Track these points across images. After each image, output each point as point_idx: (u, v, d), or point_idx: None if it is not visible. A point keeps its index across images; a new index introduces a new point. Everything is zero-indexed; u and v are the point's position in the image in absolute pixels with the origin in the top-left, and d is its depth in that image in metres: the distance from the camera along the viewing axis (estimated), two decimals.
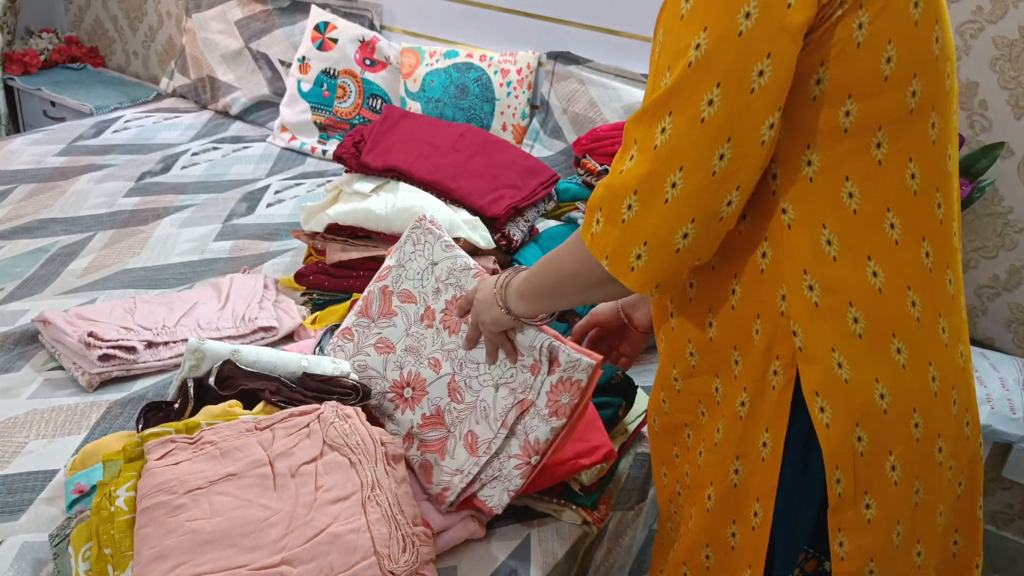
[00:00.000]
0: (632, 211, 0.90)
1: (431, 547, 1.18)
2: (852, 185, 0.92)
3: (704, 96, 0.86)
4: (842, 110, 0.89)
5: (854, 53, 0.87)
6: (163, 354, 1.64)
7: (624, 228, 0.92)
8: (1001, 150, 1.95)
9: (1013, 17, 1.93)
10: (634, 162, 0.91)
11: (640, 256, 0.92)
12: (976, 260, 2.12)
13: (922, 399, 0.95)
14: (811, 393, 0.95)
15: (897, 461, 0.95)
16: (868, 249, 0.93)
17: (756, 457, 1.01)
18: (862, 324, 0.93)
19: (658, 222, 0.90)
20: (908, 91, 0.90)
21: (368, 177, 2.01)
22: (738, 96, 0.85)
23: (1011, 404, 1.75)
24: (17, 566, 1.18)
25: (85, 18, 3.86)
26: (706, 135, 0.86)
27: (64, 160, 2.61)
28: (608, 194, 0.93)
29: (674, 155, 0.88)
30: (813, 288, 0.94)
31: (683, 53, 0.87)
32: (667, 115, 0.87)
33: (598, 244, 0.96)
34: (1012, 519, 2.29)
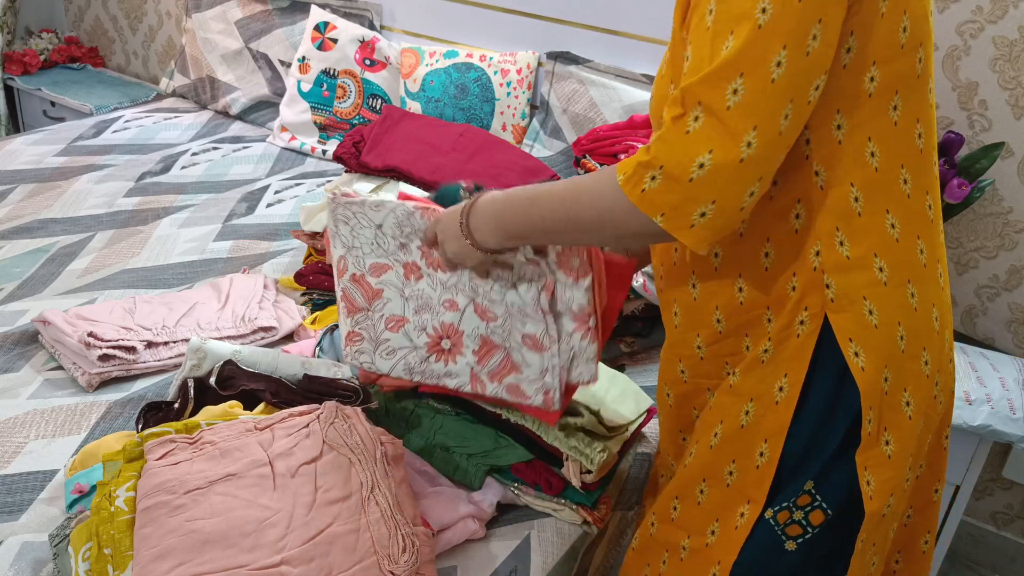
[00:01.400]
0: (704, 169, 0.91)
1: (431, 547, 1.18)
2: (874, 145, 0.99)
3: (773, 58, 0.89)
4: (867, 76, 0.96)
5: (878, 23, 0.94)
6: (163, 354, 1.64)
7: (692, 186, 0.92)
8: (1001, 150, 1.95)
9: (1013, 17, 1.93)
10: (703, 123, 0.91)
11: (704, 214, 0.93)
12: (976, 260, 2.12)
13: (929, 337, 1.04)
14: (845, 339, 1.02)
15: (911, 396, 1.03)
16: (886, 202, 1.00)
17: (770, 400, 1.07)
18: (886, 272, 1.01)
19: (733, 180, 0.92)
20: (916, 57, 0.97)
21: (368, 177, 2.01)
22: (799, 59, 0.89)
23: (1011, 404, 1.75)
24: (17, 566, 1.18)
25: (85, 18, 3.86)
26: (776, 95, 0.90)
27: (64, 160, 2.61)
28: (674, 152, 0.93)
29: (749, 114, 0.90)
30: (844, 243, 1.01)
31: (748, 16, 0.89)
32: (738, 76, 0.89)
33: (651, 201, 0.95)
34: (1012, 519, 2.29)
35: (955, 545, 2.34)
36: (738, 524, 1.10)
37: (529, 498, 1.39)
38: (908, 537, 1.18)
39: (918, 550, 1.19)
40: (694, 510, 1.16)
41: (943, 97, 2.05)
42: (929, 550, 1.20)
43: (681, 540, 1.18)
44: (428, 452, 1.41)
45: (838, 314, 1.02)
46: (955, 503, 1.88)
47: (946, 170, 1.91)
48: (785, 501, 1.07)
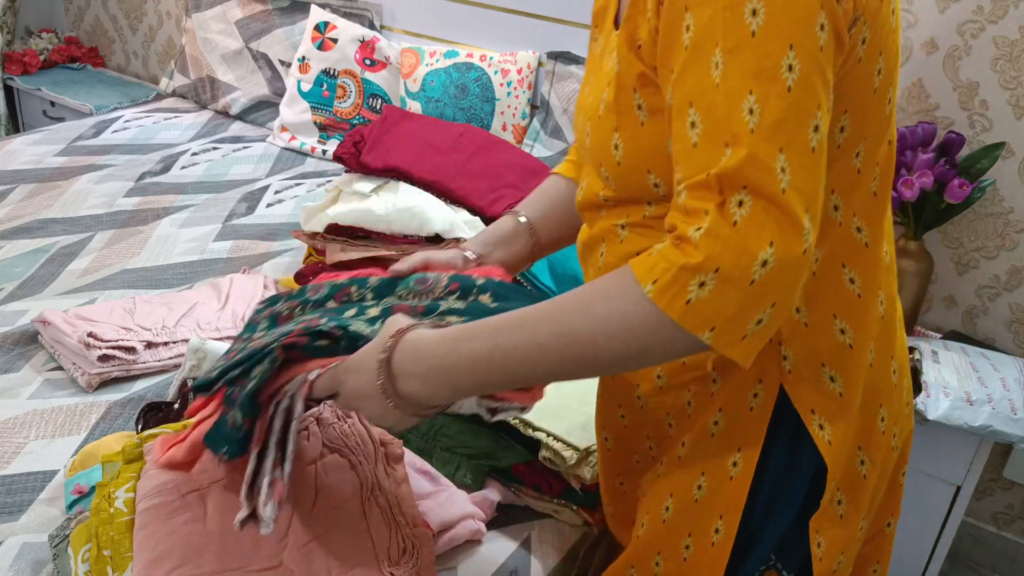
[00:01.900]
0: (767, 267, 0.75)
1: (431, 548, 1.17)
2: (836, 197, 0.88)
3: (811, 122, 0.76)
4: (838, 126, 0.85)
5: (855, 68, 0.83)
6: (163, 354, 1.64)
7: (752, 290, 0.75)
8: (1002, 150, 1.95)
9: (1013, 17, 1.92)
10: (751, 210, 0.75)
11: (761, 320, 0.77)
12: (976, 260, 2.12)
13: (888, 392, 0.97)
14: (807, 411, 0.92)
15: (866, 455, 0.97)
16: (843, 256, 0.90)
17: (723, 475, 0.97)
18: (849, 334, 0.91)
19: (795, 275, 0.77)
20: (886, 99, 0.88)
21: (368, 177, 2.00)
22: (827, 114, 0.78)
23: (1011, 404, 1.75)
24: (17, 567, 1.18)
25: (85, 18, 3.85)
26: (818, 165, 0.77)
27: (64, 160, 2.61)
28: (730, 250, 0.75)
29: (801, 196, 0.76)
30: (800, 309, 0.90)
31: (773, 76, 0.75)
32: (779, 152, 0.75)
33: (700, 313, 0.77)
34: (1012, 519, 2.29)
35: (956, 545, 2.34)
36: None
37: (530, 499, 1.39)
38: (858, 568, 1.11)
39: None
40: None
41: (944, 97, 2.05)
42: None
43: None
44: (428, 453, 1.41)
45: (796, 385, 0.92)
46: (956, 503, 1.88)
47: (947, 170, 1.91)
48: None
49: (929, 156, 1.91)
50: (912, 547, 1.94)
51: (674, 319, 0.77)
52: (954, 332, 2.17)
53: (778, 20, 0.75)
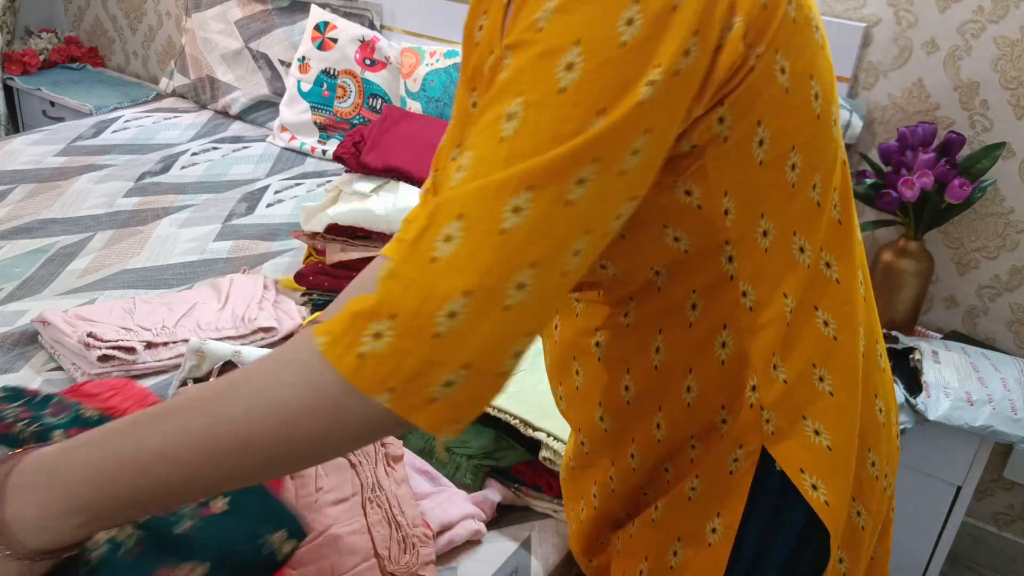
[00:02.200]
0: (456, 320, 0.61)
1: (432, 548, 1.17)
2: (800, 239, 0.80)
3: (577, 173, 0.63)
4: (788, 164, 0.77)
5: (786, 100, 0.74)
6: (162, 355, 1.64)
7: (435, 345, 0.61)
8: (1002, 150, 1.95)
9: (1014, 17, 1.92)
10: (458, 247, 0.62)
11: (451, 383, 0.63)
12: (977, 260, 2.12)
13: (875, 433, 0.89)
14: (796, 471, 0.83)
15: (862, 506, 0.90)
16: (814, 299, 0.82)
17: (701, 541, 0.89)
18: (828, 381, 0.83)
19: (492, 337, 0.63)
20: (831, 119, 0.79)
21: (368, 177, 2.00)
22: (609, 181, 0.65)
23: (1012, 405, 1.75)
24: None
25: (85, 18, 3.85)
26: (569, 222, 0.64)
27: (64, 160, 2.61)
28: (411, 294, 0.62)
29: (528, 245, 0.63)
30: (777, 367, 0.82)
31: (559, 136, 0.64)
32: (524, 189, 0.62)
33: (374, 371, 0.62)
34: (1013, 520, 2.29)
35: (956, 546, 2.34)
36: None
37: (530, 499, 1.39)
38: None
39: None
40: None
41: (945, 97, 2.05)
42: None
43: None
44: (428, 453, 1.41)
45: (779, 444, 0.84)
46: (956, 504, 1.88)
47: (947, 170, 1.91)
48: None
49: (930, 156, 1.90)
50: (912, 547, 1.94)
51: (345, 376, 0.62)
52: (955, 332, 2.17)
53: (590, 79, 0.64)
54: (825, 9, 2.14)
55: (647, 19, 0.64)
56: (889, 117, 2.14)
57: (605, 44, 0.64)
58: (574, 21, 0.64)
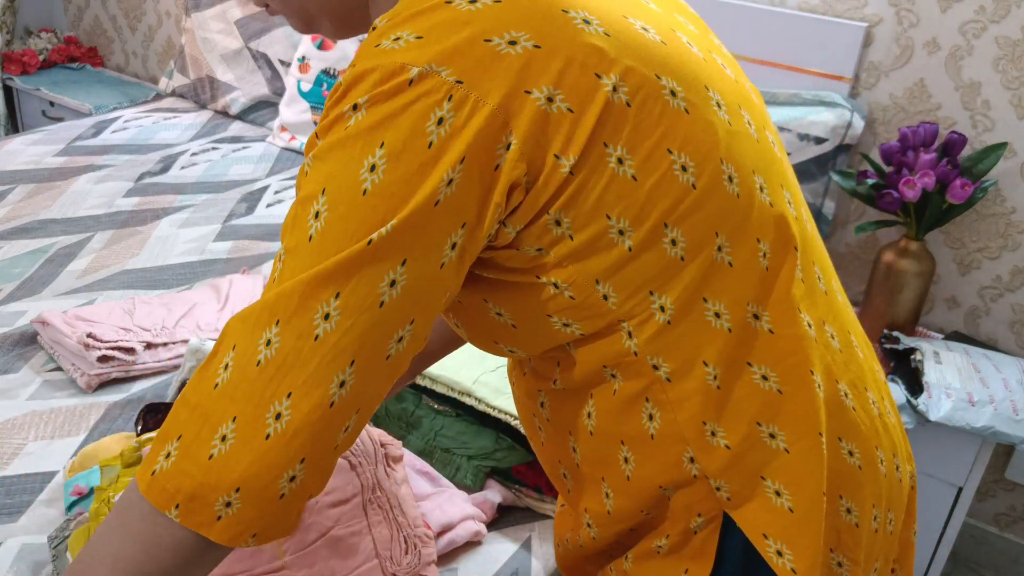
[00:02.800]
0: (226, 444, 0.67)
1: (433, 548, 1.17)
2: (713, 304, 0.78)
3: (320, 310, 0.67)
4: (664, 242, 0.75)
5: (634, 186, 0.72)
6: (162, 355, 1.63)
7: (209, 468, 0.67)
8: (1004, 150, 1.95)
9: (1016, 17, 1.92)
10: (230, 377, 0.68)
11: (230, 504, 0.68)
12: (979, 261, 2.12)
13: (848, 481, 0.84)
14: (759, 537, 0.81)
15: (842, 555, 0.86)
16: (746, 356, 0.79)
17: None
18: (780, 438, 0.80)
19: (257, 464, 0.67)
20: (724, 179, 0.76)
21: None
22: (364, 311, 0.68)
23: (1014, 405, 1.75)
24: (16, 568, 1.18)
25: (84, 18, 3.85)
26: (323, 355, 0.68)
27: (63, 160, 2.60)
28: (195, 421, 0.69)
29: (280, 376, 0.67)
30: (716, 433, 0.80)
31: (300, 229, 0.69)
32: (274, 323, 0.68)
33: (163, 487, 0.69)
34: (1015, 520, 2.28)
35: (957, 547, 2.34)
36: None
37: (530, 500, 1.39)
38: None
39: None
40: None
41: (946, 97, 2.05)
42: None
43: None
44: (429, 453, 1.41)
45: (740, 510, 0.82)
46: (958, 505, 1.88)
47: (949, 170, 1.91)
48: None
49: (931, 156, 1.90)
50: None
51: (143, 494, 0.70)
52: (956, 333, 2.17)
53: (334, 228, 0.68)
54: (826, 9, 2.14)
55: (391, 163, 0.67)
56: (890, 117, 2.13)
57: (348, 192, 0.68)
58: (324, 169, 0.69)
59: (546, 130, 0.69)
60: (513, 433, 1.41)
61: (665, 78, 0.74)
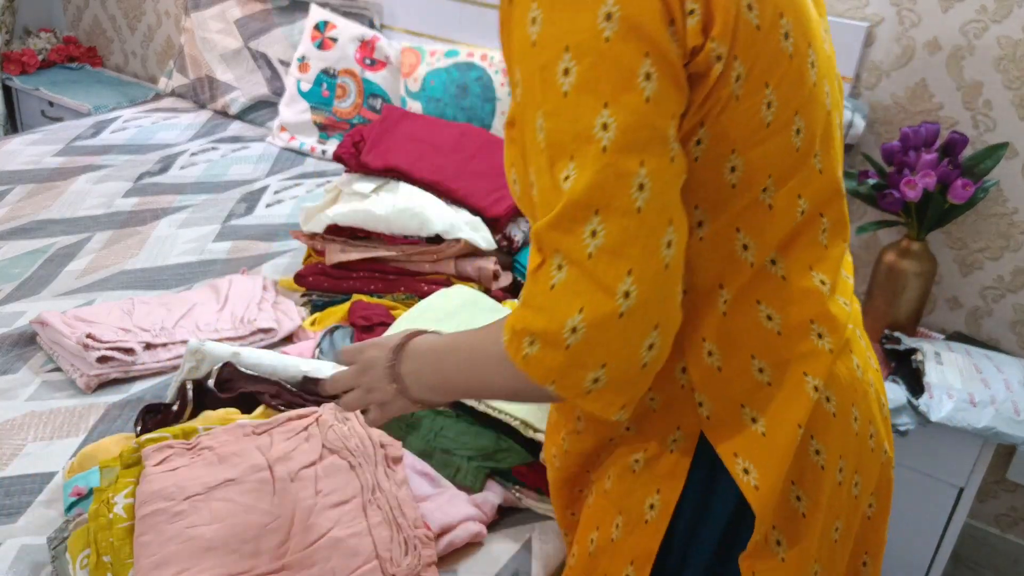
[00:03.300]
0: (578, 334, 0.74)
1: (433, 549, 1.17)
2: (744, 237, 0.84)
3: (633, 181, 0.73)
4: (727, 167, 0.82)
5: (734, 107, 0.79)
6: (161, 356, 1.63)
7: (572, 353, 0.75)
8: (1005, 150, 1.94)
9: (1018, 17, 1.92)
10: (567, 274, 0.75)
11: (598, 379, 0.76)
12: (980, 261, 2.11)
13: (821, 425, 0.90)
14: (729, 455, 0.88)
15: (802, 491, 0.90)
16: (756, 294, 0.86)
17: (639, 517, 0.94)
18: (768, 372, 0.87)
19: (618, 340, 0.75)
20: (792, 130, 0.83)
21: (368, 177, 2.00)
22: (664, 170, 0.74)
23: (1015, 406, 1.74)
24: (15, 569, 1.17)
25: (83, 18, 3.85)
26: (647, 224, 0.73)
27: (62, 160, 2.60)
28: (540, 317, 0.76)
29: (616, 259, 0.73)
30: (712, 353, 0.87)
31: (587, 137, 0.73)
32: (593, 215, 0.73)
33: (536, 367, 0.78)
34: (1016, 521, 2.28)
35: (958, 547, 2.34)
36: None
37: (530, 501, 1.39)
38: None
39: None
40: None
41: (947, 97, 2.05)
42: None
43: None
44: (428, 454, 1.41)
45: (716, 429, 0.88)
46: (959, 505, 1.87)
47: (950, 170, 1.90)
48: None
49: (932, 156, 1.90)
50: (915, 549, 1.93)
51: (520, 368, 0.79)
52: (958, 333, 2.17)
53: (592, 77, 0.73)
54: (827, 8, 2.13)
55: (624, 10, 0.72)
56: (892, 117, 2.13)
57: (593, 42, 0.72)
58: (555, 31, 0.73)
59: (718, 17, 0.76)
60: (513, 434, 1.41)
61: (785, 19, 0.80)
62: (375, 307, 1.72)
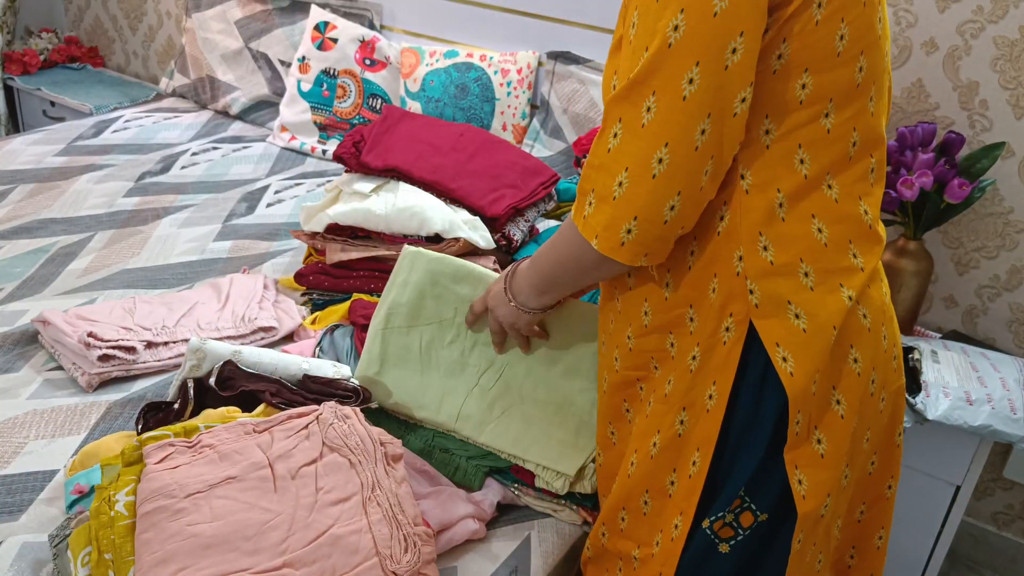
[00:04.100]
0: (623, 188, 0.96)
1: (432, 547, 1.17)
2: (803, 152, 0.99)
3: (684, 75, 0.91)
4: (798, 83, 0.96)
5: (813, 31, 0.94)
6: (163, 354, 1.64)
7: (616, 205, 0.97)
8: (1002, 150, 1.95)
9: (1014, 17, 1.92)
10: (620, 140, 0.96)
11: (631, 231, 0.98)
12: (977, 260, 2.12)
13: (858, 335, 1.04)
14: (772, 344, 1.02)
15: (841, 395, 1.03)
16: (811, 208, 1.00)
17: (701, 408, 1.08)
18: (812, 277, 1.01)
19: (648, 196, 0.96)
20: (856, 67, 0.97)
21: (368, 177, 2.00)
22: (715, 74, 0.91)
23: (1011, 404, 1.75)
24: (17, 566, 1.18)
25: (85, 18, 3.85)
26: (688, 112, 0.92)
27: (64, 160, 2.61)
28: (600, 173, 0.99)
29: (660, 132, 0.93)
30: (767, 248, 1.01)
31: (660, 33, 0.91)
32: (651, 94, 0.93)
33: (590, 225, 1.01)
34: (1013, 519, 2.29)
35: (955, 545, 2.34)
36: (673, 536, 1.11)
37: (529, 498, 1.39)
38: (861, 533, 1.18)
39: (872, 545, 1.19)
40: (640, 521, 1.16)
41: (944, 97, 2.05)
42: (883, 545, 1.20)
43: (631, 550, 1.18)
44: (428, 453, 1.41)
45: (763, 320, 1.02)
46: (955, 503, 1.88)
47: (947, 170, 1.91)
48: (721, 510, 1.07)
49: (929, 156, 1.90)
50: (911, 547, 1.94)
51: (579, 229, 1.03)
52: (954, 332, 2.17)
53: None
54: None
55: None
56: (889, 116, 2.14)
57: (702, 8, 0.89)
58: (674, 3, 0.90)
59: None
60: None
61: None
62: (375, 306, 1.73)
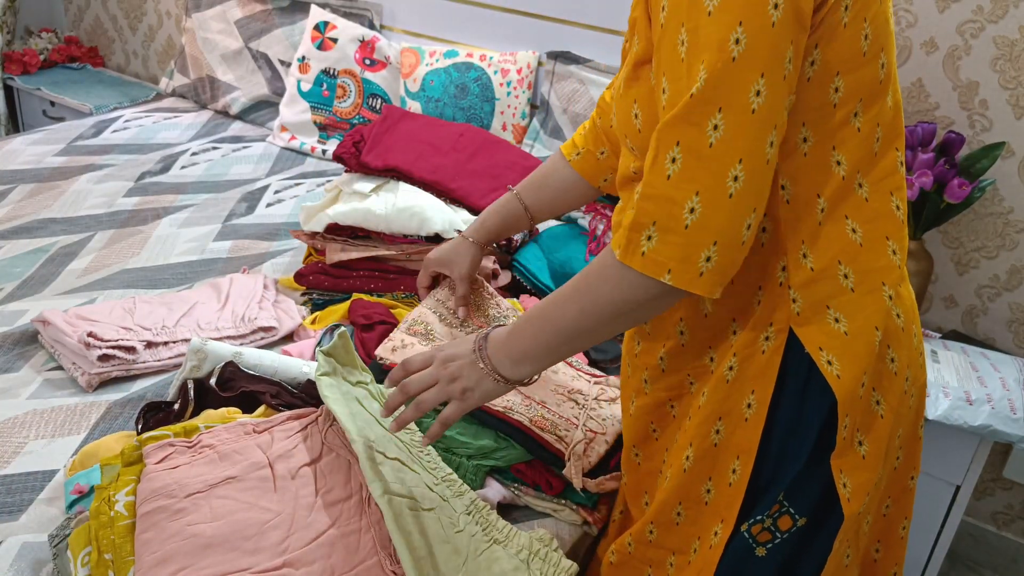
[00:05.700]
0: (695, 214, 0.90)
1: None
2: (838, 154, 0.98)
3: (751, 88, 0.88)
4: (832, 87, 0.96)
5: (841, 33, 0.94)
6: (162, 354, 1.64)
7: (689, 233, 0.91)
8: (1002, 150, 1.95)
9: (1013, 17, 1.92)
10: (682, 165, 0.90)
11: (710, 258, 0.92)
12: (976, 260, 2.12)
13: (895, 335, 1.03)
14: (815, 349, 1.01)
15: (881, 396, 1.03)
16: (844, 208, 1.00)
17: (739, 417, 1.06)
18: (851, 279, 1.01)
19: (726, 218, 0.91)
20: (879, 63, 0.97)
21: (368, 177, 2.00)
22: (778, 84, 0.89)
23: (1011, 404, 1.75)
24: (17, 566, 1.18)
25: (85, 18, 3.85)
26: (758, 124, 0.89)
27: (63, 160, 2.61)
28: (660, 204, 0.92)
29: (732, 149, 0.89)
30: (807, 256, 1.01)
31: (721, 46, 0.88)
32: (716, 111, 0.89)
33: (655, 261, 0.93)
34: (1012, 519, 2.29)
35: (955, 545, 2.34)
36: (712, 543, 1.10)
37: (529, 498, 1.39)
38: (887, 527, 1.18)
39: (896, 536, 1.19)
40: (671, 530, 1.16)
41: (944, 97, 2.05)
42: (906, 535, 1.20)
43: (667, 557, 1.18)
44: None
45: (804, 327, 1.01)
46: (955, 503, 1.88)
47: (946, 170, 1.91)
48: (759, 515, 1.06)
49: (929, 156, 1.91)
50: (912, 546, 1.94)
51: (638, 270, 0.94)
52: (954, 332, 2.17)
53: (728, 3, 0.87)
54: None
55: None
56: None
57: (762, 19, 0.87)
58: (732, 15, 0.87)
59: None
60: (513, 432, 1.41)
61: None
62: (375, 306, 1.73)
